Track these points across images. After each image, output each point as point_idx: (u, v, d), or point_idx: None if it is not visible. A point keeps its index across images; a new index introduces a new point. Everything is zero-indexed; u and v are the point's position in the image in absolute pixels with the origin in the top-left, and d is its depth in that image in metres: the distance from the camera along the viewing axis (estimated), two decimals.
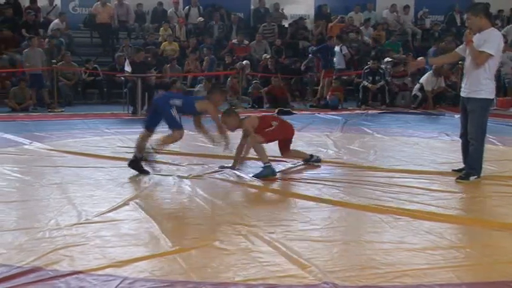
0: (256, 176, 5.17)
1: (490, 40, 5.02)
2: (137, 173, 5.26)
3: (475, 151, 5.13)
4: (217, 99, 5.48)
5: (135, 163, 5.31)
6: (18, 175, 5.17)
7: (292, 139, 5.85)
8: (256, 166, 5.40)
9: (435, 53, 13.45)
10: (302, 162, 5.86)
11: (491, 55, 4.99)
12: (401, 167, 5.71)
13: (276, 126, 5.59)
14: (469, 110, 5.17)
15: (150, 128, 5.40)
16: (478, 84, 5.08)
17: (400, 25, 17.11)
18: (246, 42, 14.54)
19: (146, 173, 5.25)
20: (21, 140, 7.17)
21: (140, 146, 5.33)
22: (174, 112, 5.19)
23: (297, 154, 5.94)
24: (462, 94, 5.28)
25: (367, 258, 3.17)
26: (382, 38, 15.52)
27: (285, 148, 5.81)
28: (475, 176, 5.12)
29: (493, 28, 5.18)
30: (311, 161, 5.85)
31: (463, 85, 5.29)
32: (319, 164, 5.81)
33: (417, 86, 12.66)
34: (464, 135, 5.30)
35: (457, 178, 5.15)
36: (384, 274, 2.93)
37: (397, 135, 8.31)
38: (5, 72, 12.03)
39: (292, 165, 5.78)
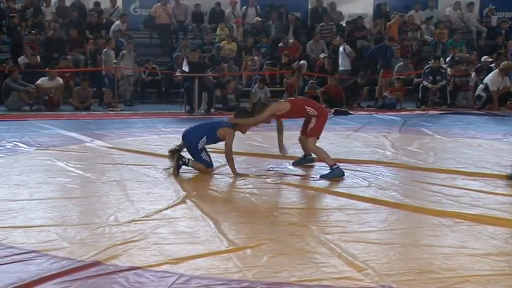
0: (324, 176, 5.12)
1: None
2: (194, 172, 5.32)
3: None
4: (243, 126, 5.30)
5: (175, 152, 5.32)
6: (80, 172, 5.36)
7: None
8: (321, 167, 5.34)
9: None
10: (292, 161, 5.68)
11: None
12: (463, 169, 5.51)
13: (317, 119, 5.35)
14: None
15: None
16: None
17: (464, 23, 16.55)
18: (291, 41, 14.42)
19: (179, 164, 5.19)
20: (83, 137, 7.43)
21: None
22: (203, 155, 5.24)
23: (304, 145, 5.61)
24: None
25: (425, 262, 3.07)
26: (444, 37, 15.06)
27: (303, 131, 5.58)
28: None
29: None
30: (305, 161, 5.65)
31: None
32: (313, 164, 5.63)
33: (481, 86, 12.20)
34: None
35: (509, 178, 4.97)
36: (444, 279, 2.83)
37: (459, 136, 8.04)
38: (70, 72, 12.50)
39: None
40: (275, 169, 5.51)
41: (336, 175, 5.13)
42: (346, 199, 4.45)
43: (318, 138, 5.43)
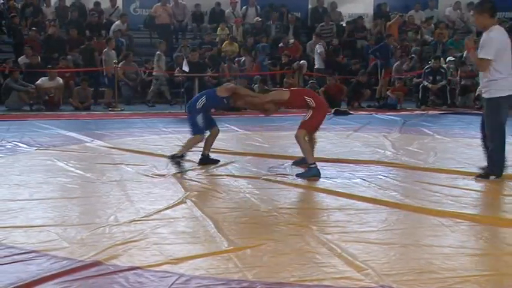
0: (301, 175, 5.13)
1: (485, 45, 4.91)
2: (194, 172, 5.33)
3: (493, 152, 5.02)
4: (239, 96, 5.49)
5: (203, 161, 5.69)
6: (81, 172, 5.36)
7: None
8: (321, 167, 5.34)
9: None
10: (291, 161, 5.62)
11: (489, 60, 4.86)
12: (463, 170, 5.51)
13: (313, 111, 5.29)
14: (484, 109, 5.13)
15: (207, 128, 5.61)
16: (487, 84, 4.98)
17: (464, 23, 16.55)
18: (291, 41, 14.43)
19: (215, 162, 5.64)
20: (83, 138, 7.44)
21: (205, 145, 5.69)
22: (198, 118, 5.41)
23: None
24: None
25: (425, 262, 3.07)
26: (444, 37, 15.06)
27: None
28: (494, 176, 4.98)
29: (493, 27, 4.98)
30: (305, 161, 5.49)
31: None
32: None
33: None
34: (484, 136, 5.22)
35: (477, 176, 5.07)
36: (444, 279, 2.83)
37: (459, 136, 8.04)
38: (70, 72, 12.51)
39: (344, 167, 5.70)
40: (275, 169, 5.51)
41: (312, 174, 5.11)
42: (346, 199, 4.45)
43: (310, 133, 5.35)
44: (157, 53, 12.79)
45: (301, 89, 5.52)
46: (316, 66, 13.51)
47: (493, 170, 5.03)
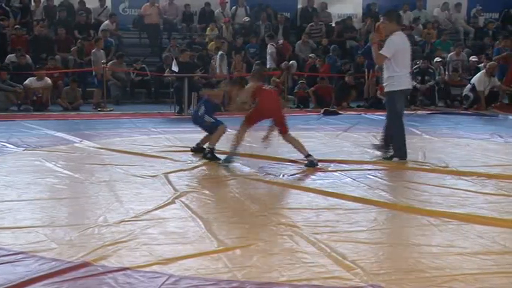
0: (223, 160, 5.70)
1: (389, 45, 5.85)
2: (183, 172, 5.33)
3: (395, 138, 5.91)
4: (215, 95, 6.38)
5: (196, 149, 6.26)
6: (69, 172, 5.32)
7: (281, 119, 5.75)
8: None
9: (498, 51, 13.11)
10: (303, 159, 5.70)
11: (385, 56, 5.82)
12: (451, 169, 5.55)
13: (255, 106, 5.70)
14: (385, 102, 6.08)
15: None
16: (387, 79, 5.91)
17: (452, 24, 16.67)
18: (281, 41, 14.46)
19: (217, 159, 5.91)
20: (72, 138, 7.39)
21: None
22: (207, 119, 6.07)
23: (297, 144, 5.73)
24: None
25: (414, 262, 3.09)
26: (432, 37, 15.16)
27: (280, 129, 5.78)
28: (397, 159, 5.87)
29: (400, 33, 5.97)
30: (307, 162, 5.62)
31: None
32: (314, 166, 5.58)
33: (469, 86, 12.30)
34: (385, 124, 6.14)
35: (385, 158, 5.95)
36: (432, 278, 2.85)
37: (447, 136, 8.10)
38: (58, 72, 12.43)
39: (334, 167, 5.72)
40: (265, 169, 5.51)
41: (228, 160, 5.65)
42: (336, 199, 4.47)
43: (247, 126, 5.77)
44: (220, 53, 12.59)
45: (268, 90, 5.71)
46: (267, 66, 13.49)
47: (396, 153, 5.90)
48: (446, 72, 13.18)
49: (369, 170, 5.54)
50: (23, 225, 3.64)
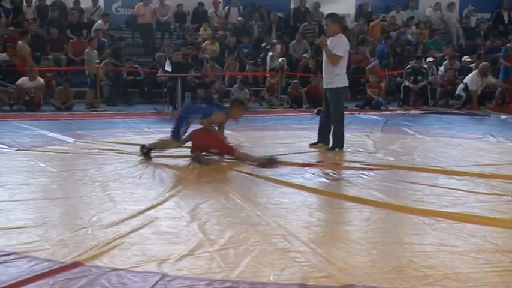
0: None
1: (340, 45, 6.43)
2: (176, 171, 5.33)
3: (337, 130, 6.57)
4: (235, 114, 6.11)
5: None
6: (62, 172, 5.31)
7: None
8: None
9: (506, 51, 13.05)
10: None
11: (341, 56, 6.42)
12: (443, 169, 5.57)
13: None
14: (329, 98, 6.59)
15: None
16: (334, 77, 6.47)
17: (444, 24, 16.74)
18: (274, 41, 14.47)
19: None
20: (64, 138, 7.37)
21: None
22: (183, 127, 5.94)
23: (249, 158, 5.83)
24: (323, 85, 6.74)
25: (407, 261, 3.10)
26: (425, 37, 15.23)
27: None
28: (338, 148, 6.54)
29: (341, 34, 6.58)
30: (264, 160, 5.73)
31: (323, 78, 6.70)
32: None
33: (461, 85, 12.36)
34: (323, 118, 6.78)
35: (328, 149, 6.56)
36: (425, 277, 2.87)
37: (440, 136, 8.13)
38: (51, 71, 12.37)
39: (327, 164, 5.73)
40: (258, 169, 5.51)
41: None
42: (329, 198, 4.48)
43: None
44: (270, 54, 12.50)
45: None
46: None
47: (336, 144, 6.55)
48: (439, 73, 13.20)
49: (362, 169, 5.55)
50: (16, 225, 3.62)
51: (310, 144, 6.87)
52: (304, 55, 14.04)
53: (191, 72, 11.81)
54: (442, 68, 13.43)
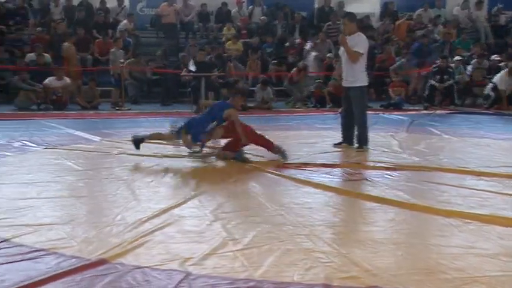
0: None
1: (360, 43, 6.46)
2: (200, 170, 5.33)
3: (361, 129, 6.55)
4: (237, 103, 6.09)
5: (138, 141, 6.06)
6: (88, 171, 5.38)
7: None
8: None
9: None
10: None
11: (362, 54, 6.43)
12: (471, 169, 5.48)
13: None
14: (351, 97, 6.53)
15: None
16: (355, 75, 6.47)
17: (472, 22, 16.46)
18: (297, 40, 14.40)
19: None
20: (90, 137, 7.46)
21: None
22: (202, 137, 5.88)
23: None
24: (343, 84, 6.68)
25: (433, 263, 3.05)
26: (452, 36, 14.99)
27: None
28: (363, 148, 6.50)
29: (359, 33, 6.58)
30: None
31: (343, 77, 6.66)
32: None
33: (490, 85, 12.14)
34: (345, 117, 6.75)
35: (356, 148, 6.51)
36: (452, 279, 2.81)
37: (467, 136, 8.00)
38: (77, 71, 12.55)
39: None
40: (281, 168, 5.50)
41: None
42: (354, 198, 4.45)
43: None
44: (314, 54, 12.57)
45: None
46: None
47: (361, 143, 6.52)
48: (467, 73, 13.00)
49: (386, 169, 5.49)
50: (44, 222, 3.68)
51: (334, 144, 6.83)
52: (328, 55, 13.95)
53: (215, 72, 11.84)
54: (469, 67, 13.22)
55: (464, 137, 7.92)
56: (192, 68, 11.19)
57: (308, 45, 13.82)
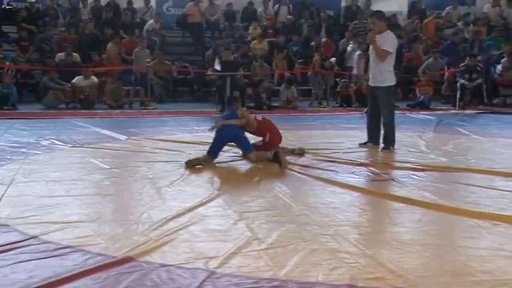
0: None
1: (389, 41, 6.39)
2: (225, 170, 5.34)
3: (388, 129, 6.48)
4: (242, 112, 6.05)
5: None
6: (114, 169, 5.44)
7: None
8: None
9: None
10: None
11: (390, 52, 6.35)
12: (501, 170, 5.36)
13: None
14: (378, 96, 6.46)
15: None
16: (382, 75, 6.39)
17: (503, 20, 16.12)
18: (324, 40, 14.31)
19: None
20: (117, 135, 7.55)
21: None
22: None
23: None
24: (370, 83, 6.57)
25: (461, 265, 3.00)
26: (482, 34, 14.70)
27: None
28: (390, 148, 6.46)
29: (389, 31, 6.54)
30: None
31: (370, 76, 6.57)
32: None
33: None
34: (371, 117, 6.68)
35: (382, 149, 6.47)
36: (481, 282, 2.76)
37: (497, 136, 7.84)
38: (104, 71, 12.71)
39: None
40: (306, 168, 5.47)
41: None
42: (379, 198, 4.40)
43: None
44: (358, 52, 12.66)
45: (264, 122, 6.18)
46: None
47: (388, 143, 6.47)
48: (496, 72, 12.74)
49: (413, 169, 5.41)
50: (71, 220, 3.74)
51: (360, 144, 6.78)
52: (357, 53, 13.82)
53: (240, 71, 11.85)
54: (499, 66, 12.95)
55: (493, 137, 7.77)
56: (218, 67, 11.22)
57: (349, 47, 13.69)
